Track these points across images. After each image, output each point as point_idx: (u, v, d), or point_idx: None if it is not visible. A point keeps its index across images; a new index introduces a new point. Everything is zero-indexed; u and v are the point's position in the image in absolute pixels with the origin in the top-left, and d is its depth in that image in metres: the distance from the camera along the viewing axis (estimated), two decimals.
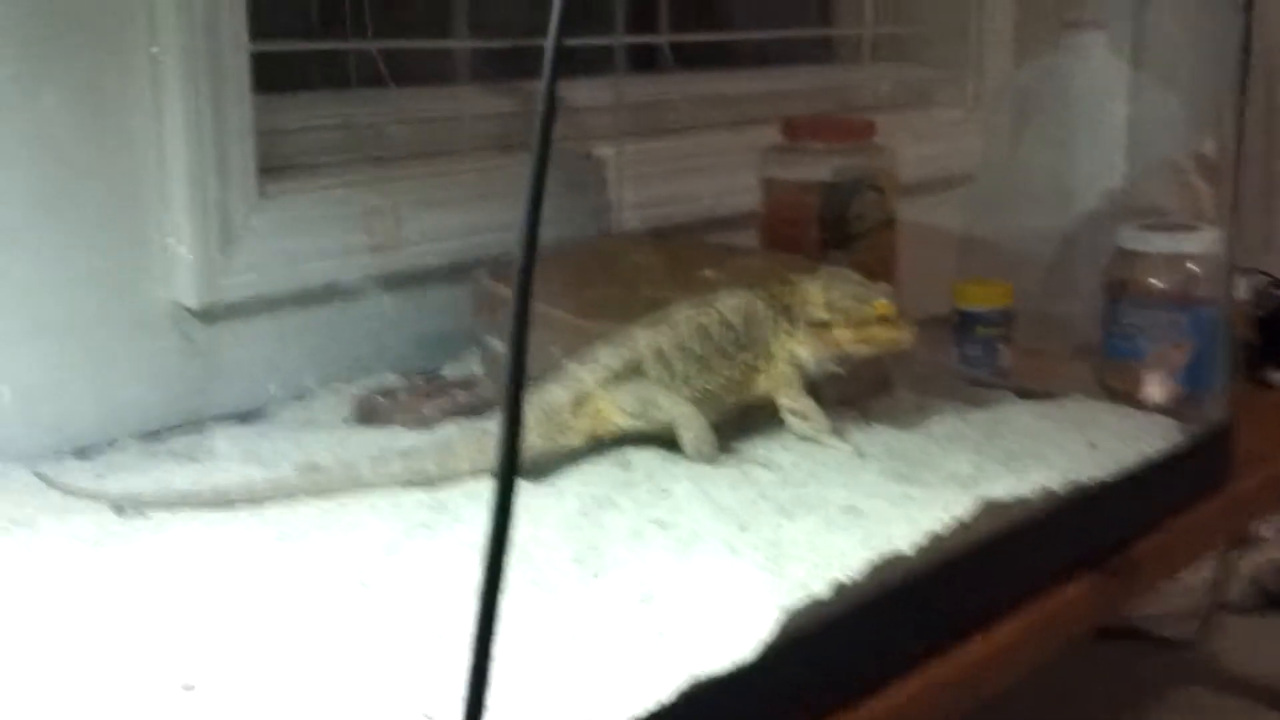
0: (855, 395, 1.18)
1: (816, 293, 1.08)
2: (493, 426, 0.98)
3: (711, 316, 1.06)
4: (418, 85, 1.35)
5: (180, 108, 1.08)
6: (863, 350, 1.08)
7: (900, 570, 0.86)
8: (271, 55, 1.23)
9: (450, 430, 1.01)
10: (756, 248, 1.40)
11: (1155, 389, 1.26)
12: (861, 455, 1.03)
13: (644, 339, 1.03)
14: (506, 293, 1.17)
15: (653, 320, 1.05)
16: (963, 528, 0.90)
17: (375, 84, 1.30)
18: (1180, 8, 1.84)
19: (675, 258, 1.32)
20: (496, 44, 1.43)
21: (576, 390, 1.01)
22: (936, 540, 0.88)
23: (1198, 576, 1.82)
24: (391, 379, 1.21)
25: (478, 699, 0.55)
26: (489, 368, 1.19)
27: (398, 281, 1.26)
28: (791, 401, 1.06)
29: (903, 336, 1.09)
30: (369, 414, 1.11)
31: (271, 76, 1.22)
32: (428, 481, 0.94)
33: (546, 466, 1.00)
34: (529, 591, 0.79)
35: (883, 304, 1.08)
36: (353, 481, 0.93)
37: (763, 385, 1.07)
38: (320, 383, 1.18)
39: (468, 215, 1.31)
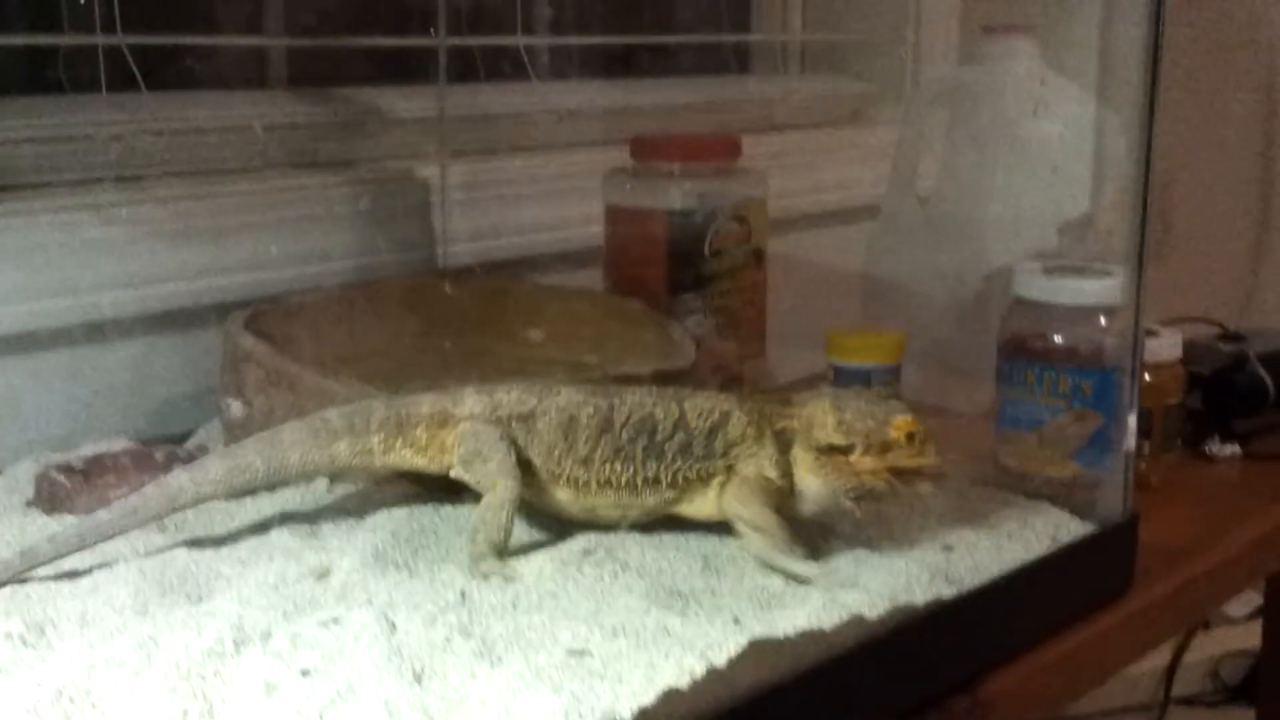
0: None
1: (825, 413, 0.87)
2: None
3: (668, 411, 0.86)
4: (185, 90, 1.14)
5: None
6: (881, 483, 0.86)
7: None
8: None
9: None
10: (590, 288, 1.18)
11: (1047, 469, 1.04)
12: (811, 581, 0.81)
13: (563, 399, 0.85)
14: (254, 345, 0.96)
15: (596, 387, 0.86)
16: (719, 678, 0.68)
17: (129, 88, 1.09)
18: (1131, 8, 1.63)
19: (482, 302, 1.11)
20: (268, 42, 1.22)
21: (443, 407, 0.85)
22: (673, 699, 0.66)
23: (1148, 666, 1.59)
24: (118, 446, 1.00)
25: None
26: (228, 437, 0.98)
27: (146, 325, 1.06)
28: (747, 513, 0.85)
29: (928, 463, 0.88)
30: (49, 497, 0.90)
31: None
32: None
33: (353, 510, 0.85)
34: None
35: (904, 420, 0.86)
36: None
37: (701, 505, 0.87)
38: (23, 452, 0.97)
39: (240, 246, 1.11)
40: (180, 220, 1.08)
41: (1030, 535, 0.93)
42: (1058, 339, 1.06)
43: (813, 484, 0.87)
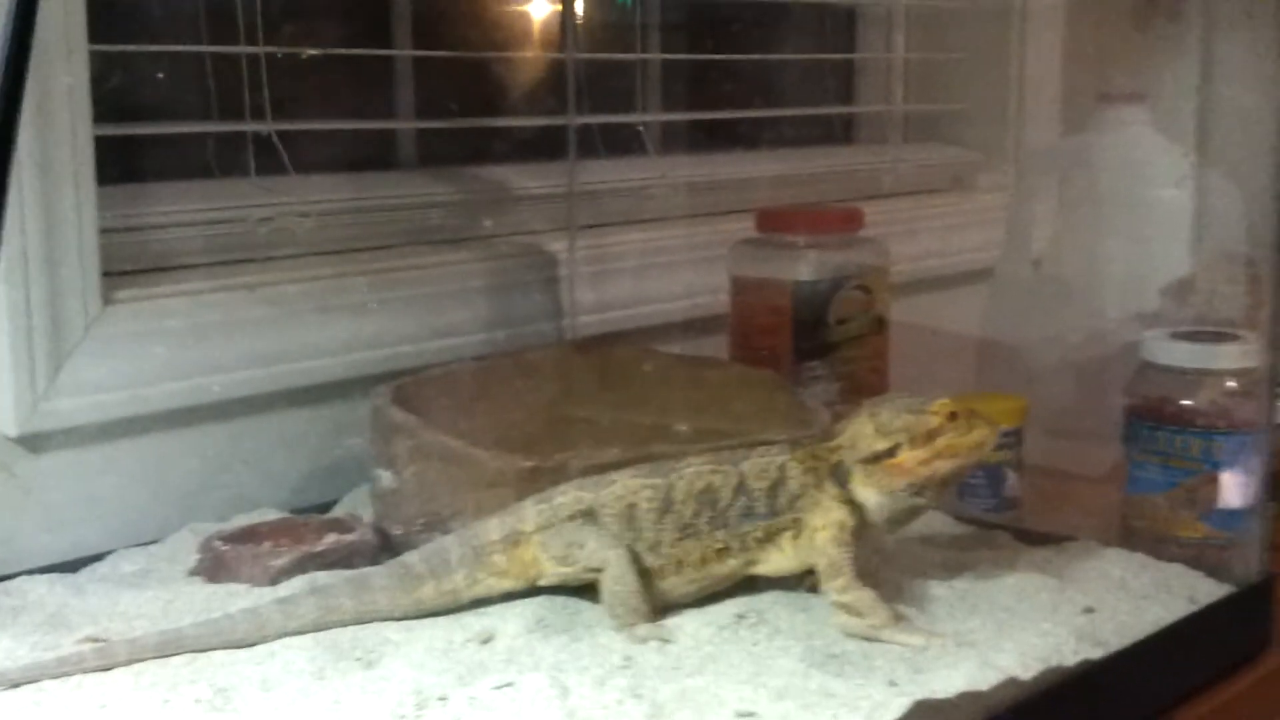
0: None
1: (864, 424, 0.88)
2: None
3: (727, 477, 0.87)
4: (328, 172, 1.19)
5: None
6: (942, 467, 0.87)
7: None
8: (143, 140, 1.08)
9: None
10: (720, 358, 1.21)
11: (1179, 531, 1.05)
12: (926, 647, 0.82)
13: (618, 488, 0.86)
14: (405, 418, 1.00)
15: (653, 467, 0.87)
16: None
17: (277, 172, 1.14)
18: (1250, 75, 1.64)
19: (614, 372, 1.14)
20: (405, 125, 1.26)
21: (511, 528, 0.86)
22: None
23: None
24: (270, 516, 1.04)
25: None
26: (378, 506, 1.01)
27: (290, 399, 1.10)
28: (840, 594, 0.85)
29: (983, 435, 0.88)
30: (211, 566, 0.93)
31: (143, 164, 1.07)
32: None
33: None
34: None
35: (944, 403, 0.88)
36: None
37: (778, 561, 0.87)
38: (179, 523, 1.01)
39: (384, 320, 1.15)
40: (323, 298, 1.12)
41: (1168, 597, 0.93)
42: (1188, 403, 1.07)
43: (871, 497, 0.87)
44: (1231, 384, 1.07)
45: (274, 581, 0.90)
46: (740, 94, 1.62)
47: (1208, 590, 0.95)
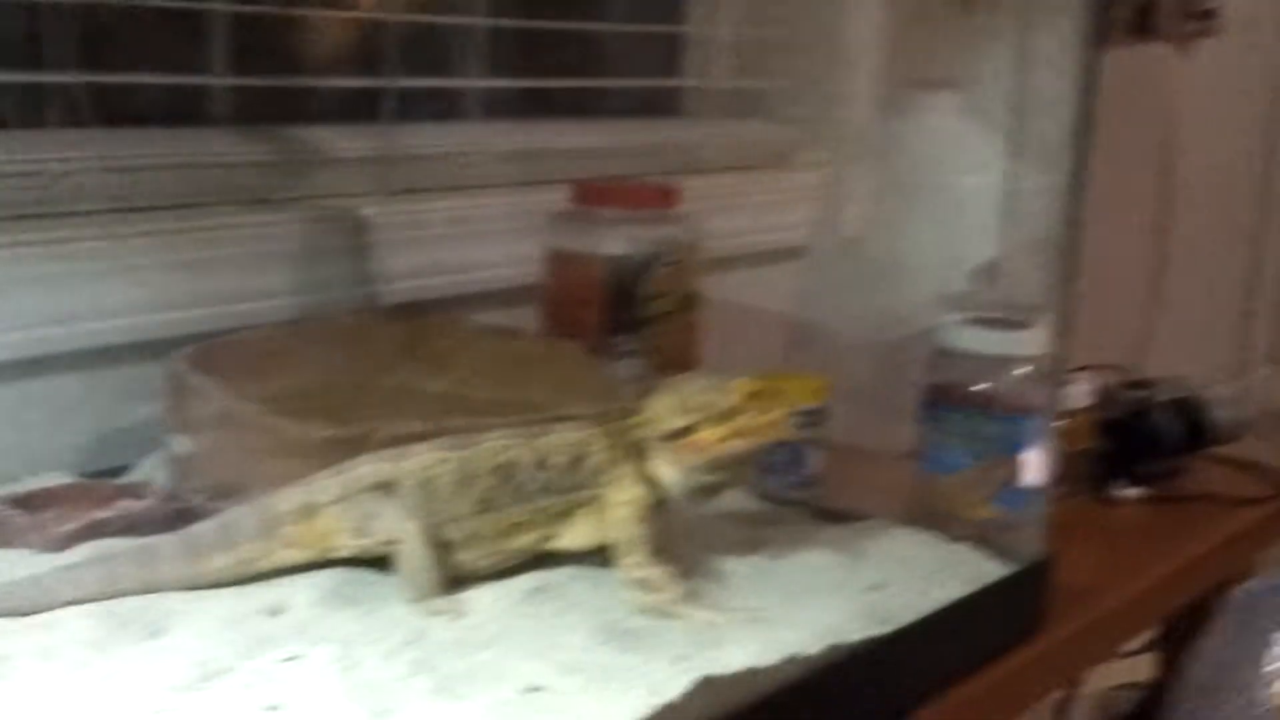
0: None
1: (664, 401, 0.89)
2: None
3: (525, 452, 0.87)
4: (133, 127, 1.16)
5: None
6: (740, 445, 0.88)
7: None
8: None
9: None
10: (526, 329, 1.21)
11: (967, 512, 1.08)
12: (716, 623, 0.83)
13: (418, 460, 0.85)
14: (202, 383, 0.98)
15: (454, 441, 0.86)
16: (670, 712, 0.72)
17: (79, 124, 1.10)
18: (1060, 64, 1.69)
19: (420, 341, 1.13)
20: (216, 81, 1.24)
21: (306, 499, 0.84)
22: None
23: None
24: (59, 481, 1.01)
25: None
26: (173, 473, 0.99)
27: (83, 360, 1.07)
28: (634, 570, 0.85)
29: (781, 414, 0.90)
30: None
31: None
32: None
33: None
34: None
35: (743, 381, 0.89)
36: None
37: (576, 537, 0.88)
38: None
39: (187, 281, 1.12)
40: (123, 257, 1.09)
41: (953, 575, 0.96)
42: (983, 386, 1.10)
43: (670, 474, 0.89)
44: (1026, 369, 1.10)
45: (59, 548, 0.88)
46: (566, 63, 1.62)
47: (991, 569, 0.98)
